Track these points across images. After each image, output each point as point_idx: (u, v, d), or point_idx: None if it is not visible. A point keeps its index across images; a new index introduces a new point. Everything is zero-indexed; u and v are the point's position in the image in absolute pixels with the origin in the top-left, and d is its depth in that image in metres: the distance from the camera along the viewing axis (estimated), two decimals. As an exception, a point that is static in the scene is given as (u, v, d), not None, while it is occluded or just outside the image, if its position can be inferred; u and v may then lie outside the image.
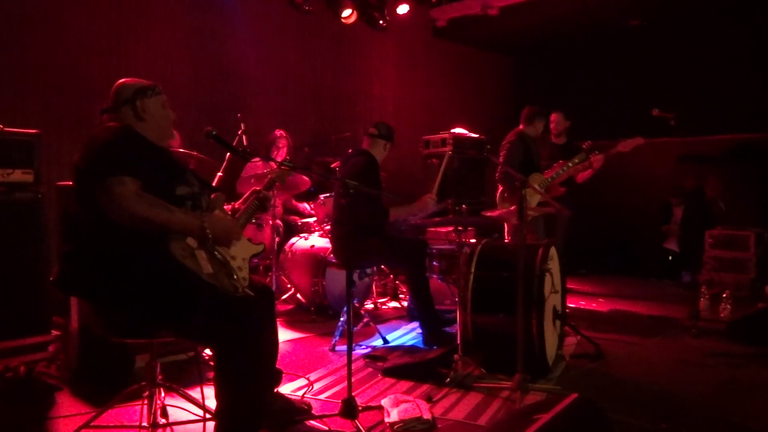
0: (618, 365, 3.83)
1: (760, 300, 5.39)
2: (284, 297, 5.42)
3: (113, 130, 2.31)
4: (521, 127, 5.51)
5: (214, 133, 2.51)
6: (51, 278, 2.32)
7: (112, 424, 2.78)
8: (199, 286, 2.18)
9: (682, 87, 7.55)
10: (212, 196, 2.59)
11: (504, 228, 5.49)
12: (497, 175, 5.34)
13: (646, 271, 7.68)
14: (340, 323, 4.22)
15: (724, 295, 5.28)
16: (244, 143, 5.30)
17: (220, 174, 5.07)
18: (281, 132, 5.66)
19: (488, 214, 4.09)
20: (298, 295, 5.33)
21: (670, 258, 7.39)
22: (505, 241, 5.29)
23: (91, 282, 2.23)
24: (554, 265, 3.77)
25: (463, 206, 4.12)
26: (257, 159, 5.56)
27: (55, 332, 3.44)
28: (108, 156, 2.20)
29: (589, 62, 8.63)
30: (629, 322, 5.14)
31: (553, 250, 3.77)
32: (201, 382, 2.46)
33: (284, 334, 4.50)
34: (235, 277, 2.31)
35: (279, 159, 5.41)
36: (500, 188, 5.39)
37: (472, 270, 3.69)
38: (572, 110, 8.13)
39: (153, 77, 2.66)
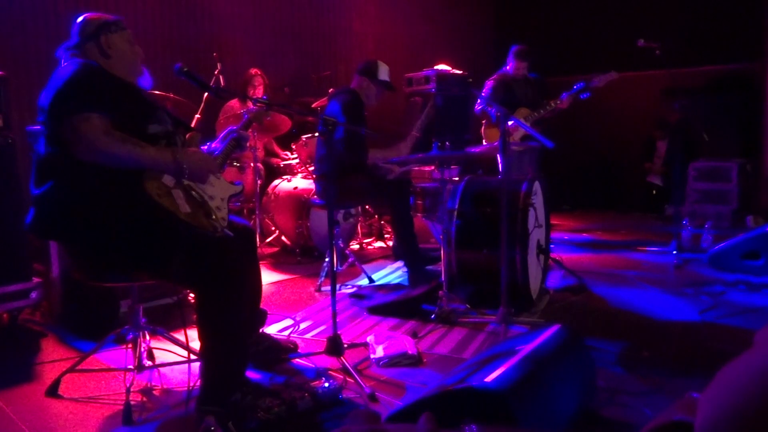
0: (601, 297, 3.88)
1: (742, 230, 5.45)
2: (269, 240, 5.40)
3: (76, 67, 2.21)
4: (507, 67, 5.40)
5: (185, 69, 2.41)
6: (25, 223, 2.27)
7: (98, 368, 2.78)
8: (177, 226, 2.12)
9: (666, 18, 7.41)
10: (187, 135, 2.52)
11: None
12: (476, 107, 5.31)
13: (630, 205, 7.74)
14: (325, 264, 4.22)
15: (706, 227, 5.34)
16: (221, 84, 5.15)
17: (197, 116, 4.95)
18: (256, 70, 5.52)
19: (472, 150, 4.05)
20: (283, 238, 5.31)
21: (654, 192, 7.43)
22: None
23: (65, 225, 2.18)
24: (538, 199, 3.76)
25: (447, 143, 4.06)
26: (235, 100, 5.43)
27: (36, 279, 3.40)
28: (72, 93, 2.11)
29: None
30: (612, 255, 5.19)
31: (536, 185, 3.75)
32: (184, 324, 2.45)
33: (270, 276, 4.50)
34: (214, 217, 2.26)
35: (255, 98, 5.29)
36: (483, 123, 5.33)
37: (456, 207, 3.67)
38: (556, 44, 8.01)
39: (122, 16, 2.53)
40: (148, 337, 2.68)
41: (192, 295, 3.46)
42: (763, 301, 3.75)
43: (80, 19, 2.40)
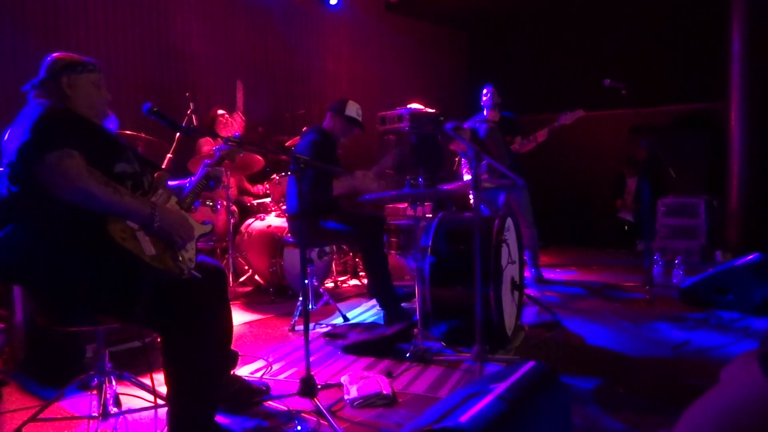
0: (575, 333, 3.88)
1: (711, 265, 5.53)
2: (242, 279, 5.33)
3: (44, 107, 2.18)
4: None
5: (155, 109, 2.39)
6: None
7: (60, 416, 2.68)
8: (142, 269, 2.08)
9: (633, 59, 7.65)
10: (155, 175, 2.49)
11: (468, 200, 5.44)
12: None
13: (602, 241, 7.83)
14: (299, 303, 4.16)
15: (676, 262, 5.41)
16: (194, 123, 5.15)
17: (169, 155, 4.92)
18: (221, 109, 5.56)
19: (445, 187, 4.07)
20: (257, 277, 5.24)
21: (626, 228, 7.53)
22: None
23: (26, 268, 2.13)
24: (511, 236, 3.78)
25: (420, 180, 4.08)
26: (208, 138, 5.44)
27: (-1, 324, 3.30)
28: (49, 131, 2.08)
29: (542, 35, 8.65)
30: (586, 290, 5.22)
31: (509, 221, 3.78)
32: (150, 368, 2.38)
33: (243, 316, 4.43)
34: (181, 258, 2.22)
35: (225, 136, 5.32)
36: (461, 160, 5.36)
37: (430, 244, 3.66)
38: (526, 83, 8.20)
39: (95, 57, 2.53)
40: (114, 383, 2.59)
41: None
42: (734, 335, 3.78)
43: (49, 57, 2.38)
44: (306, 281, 3.06)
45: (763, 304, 4.29)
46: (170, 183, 2.57)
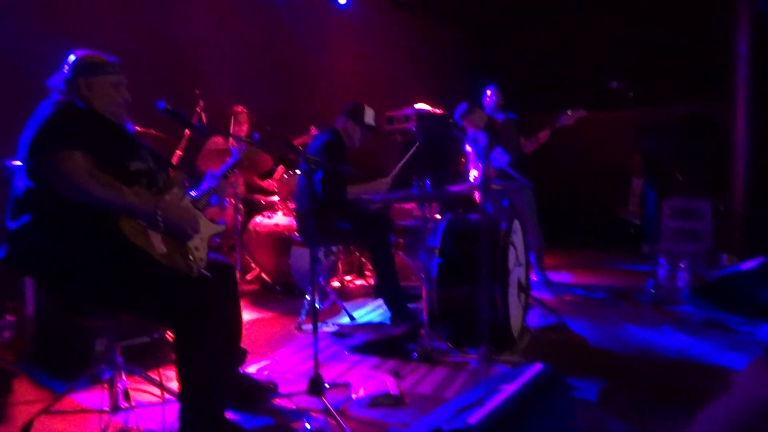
0: (580, 335, 3.90)
1: (716, 268, 5.54)
2: (249, 277, 5.35)
3: (58, 105, 2.22)
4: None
5: (170, 108, 2.42)
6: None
7: (72, 409, 2.71)
8: (151, 266, 2.11)
9: (637, 59, 7.65)
10: (171, 173, 2.51)
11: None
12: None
13: (607, 243, 7.83)
14: (306, 302, 4.19)
15: (682, 265, 5.42)
16: (203, 120, 5.17)
17: (179, 152, 4.95)
18: (241, 108, 5.55)
19: (452, 188, 4.09)
20: (263, 275, 5.27)
21: (632, 230, 7.54)
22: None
23: (40, 260, 2.16)
24: (518, 238, 3.80)
25: (427, 181, 4.10)
26: (219, 136, 5.45)
27: (9, 317, 3.32)
28: (55, 130, 2.12)
29: (547, 35, 8.65)
30: (591, 293, 5.24)
31: (516, 224, 3.80)
32: (158, 364, 2.41)
33: (249, 314, 4.46)
34: (191, 257, 2.24)
35: (241, 135, 5.32)
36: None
37: (437, 245, 3.69)
38: (533, 83, 8.21)
39: (99, 50, 2.55)
40: (124, 377, 2.63)
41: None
42: (739, 339, 3.80)
43: (74, 55, 2.41)
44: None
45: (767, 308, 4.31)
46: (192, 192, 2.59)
